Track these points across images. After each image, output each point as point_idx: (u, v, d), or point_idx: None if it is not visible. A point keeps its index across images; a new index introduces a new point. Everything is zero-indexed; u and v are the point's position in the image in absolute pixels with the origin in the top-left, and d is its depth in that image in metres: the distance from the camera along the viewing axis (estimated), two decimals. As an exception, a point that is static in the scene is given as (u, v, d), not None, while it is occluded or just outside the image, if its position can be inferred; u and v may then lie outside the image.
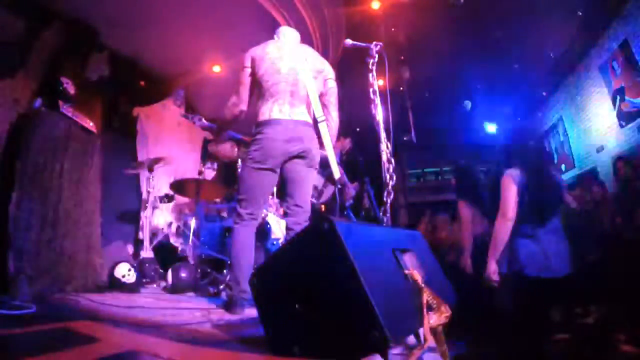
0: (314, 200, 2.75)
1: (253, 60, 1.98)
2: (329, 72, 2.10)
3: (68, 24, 3.38)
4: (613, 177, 4.01)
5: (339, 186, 2.13)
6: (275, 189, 2.17)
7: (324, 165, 2.01)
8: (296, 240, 1.21)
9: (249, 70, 1.98)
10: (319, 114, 1.96)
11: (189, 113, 4.66)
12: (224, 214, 3.85)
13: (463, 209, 2.73)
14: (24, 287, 1.94)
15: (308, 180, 2.00)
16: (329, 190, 2.93)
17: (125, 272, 2.66)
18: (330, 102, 2.08)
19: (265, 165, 1.90)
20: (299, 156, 1.93)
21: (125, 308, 1.87)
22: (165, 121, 4.97)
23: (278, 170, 1.95)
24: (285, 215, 2.04)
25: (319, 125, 1.96)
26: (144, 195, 3.94)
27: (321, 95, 2.03)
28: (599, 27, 5.05)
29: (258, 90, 1.99)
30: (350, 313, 0.96)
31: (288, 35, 2.15)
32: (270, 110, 1.91)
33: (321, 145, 1.98)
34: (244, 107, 2.01)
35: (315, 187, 2.73)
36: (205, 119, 2.64)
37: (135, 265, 2.82)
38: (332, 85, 2.10)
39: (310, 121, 1.99)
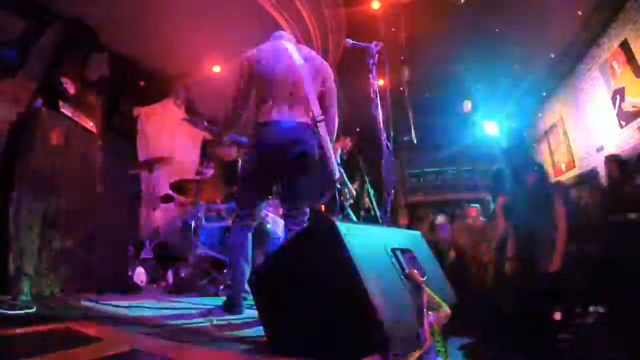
0: (312, 201, 2.75)
1: (251, 62, 1.97)
2: (328, 73, 2.09)
3: (68, 24, 3.38)
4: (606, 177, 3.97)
5: (339, 187, 2.13)
6: (274, 189, 2.16)
7: (324, 164, 2.01)
8: (296, 240, 1.21)
9: (247, 73, 1.97)
10: (318, 114, 1.96)
11: (190, 116, 4.66)
12: (224, 214, 3.85)
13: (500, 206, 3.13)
14: (24, 287, 1.94)
15: (305, 181, 2.00)
16: (329, 190, 2.93)
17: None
18: (330, 102, 2.07)
19: (264, 166, 1.90)
20: (297, 158, 1.92)
21: (125, 308, 1.87)
22: (165, 121, 4.96)
23: (276, 172, 1.95)
24: (284, 216, 2.04)
25: (318, 125, 1.95)
26: (144, 195, 3.94)
27: (320, 96, 2.02)
28: (599, 27, 5.05)
29: (257, 91, 1.98)
30: (350, 313, 0.96)
31: (283, 37, 2.15)
32: (269, 112, 1.90)
33: (320, 146, 1.98)
34: (242, 111, 2.00)
35: (314, 188, 2.73)
36: (206, 120, 2.64)
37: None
38: (331, 85, 2.09)
39: (310, 122, 1.98)
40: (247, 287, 1.78)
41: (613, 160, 3.65)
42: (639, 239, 2.57)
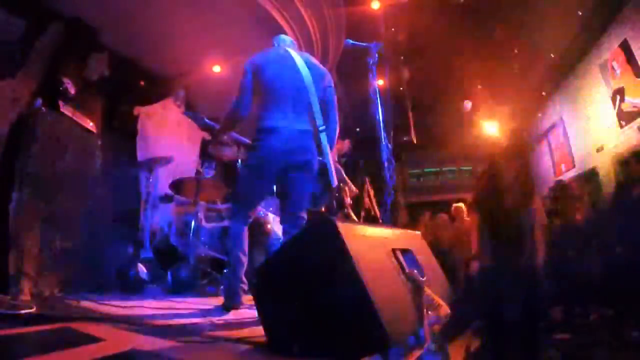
0: (310, 207, 2.77)
1: (255, 67, 1.98)
2: (329, 79, 2.12)
3: (68, 24, 3.38)
4: (620, 176, 3.91)
5: (337, 194, 2.16)
6: (274, 189, 2.18)
7: (323, 172, 2.02)
8: (297, 240, 1.21)
9: (250, 77, 1.98)
10: (320, 122, 1.98)
11: (190, 111, 4.65)
12: (224, 214, 3.85)
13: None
14: (24, 287, 1.94)
15: (305, 189, 2.02)
16: (326, 197, 2.95)
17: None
18: (330, 110, 2.10)
19: (264, 173, 1.92)
20: (298, 166, 1.94)
21: (126, 308, 1.87)
22: (165, 121, 4.96)
23: (276, 178, 1.97)
24: (281, 221, 2.05)
25: (320, 133, 1.98)
26: (144, 195, 3.94)
27: (321, 102, 2.04)
28: (599, 27, 5.05)
29: (260, 96, 1.99)
30: (350, 313, 0.96)
31: (286, 42, 2.17)
32: (273, 118, 1.92)
33: (320, 152, 1.99)
34: (244, 113, 2.01)
35: (313, 194, 2.74)
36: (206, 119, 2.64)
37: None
38: (332, 92, 2.12)
39: (311, 129, 1.99)
40: (243, 276, 1.89)
41: (632, 161, 3.50)
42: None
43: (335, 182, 1.98)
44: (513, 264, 2.18)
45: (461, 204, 4.97)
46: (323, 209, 3.10)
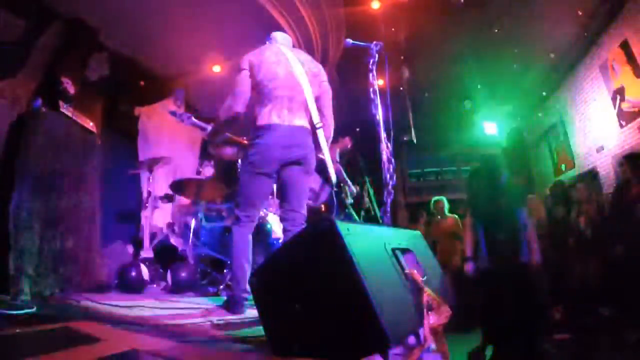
0: (311, 203, 2.77)
1: (251, 65, 1.98)
2: (323, 75, 2.12)
3: (68, 24, 3.39)
4: (619, 176, 3.93)
5: (336, 189, 2.16)
6: (274, 190, 2.18)
7: (322, 168, 2.02)
8: (296, 240, 1.21)
9: (246, 73, 1.97)
10: (317, 119, 1.98)
11: (177, 111, 4.67)
12: (224, 214, 3.85)
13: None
14: (24, 287, 1.94)
15: (304, 185, 2.03)
16: (326, 192, 2.95)
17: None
18: (326, 104, 2.10)
19: (262, 171, 1.91)
20: (296, 162, 1.94)
21: (125, 308, 1.87)
22: (165, 121, 4.96)
23: (275, 175, 1.96)
24: (281, 219, 2.05)
25: (317, 130, 1.98)
26: (144, 195, 3.94)
27: (317, 99, 2.04)
28: (599, 27, 5.05)
29: (256, 94, 1.98)
30: (350, 313, 0.96)
31: (281, 39, 2.17)
32: (269, 115, 1.92)
33: (318, 148, 1.99)
34: (239, 109, 1.99)
35: (312, 190, 2.74)
36: (202, 119, 2.64)
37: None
38: (327, 87, 2.12)
39: (308, 126, 2.00)
40: (248, 287, 1.78)
41: (624, 162, 3.51)
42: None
43: (334, 178, 1.98)
44: (509, 264, 2.18)
45: (442, 198, 4.93)
46: (323, 209, 3.10)
